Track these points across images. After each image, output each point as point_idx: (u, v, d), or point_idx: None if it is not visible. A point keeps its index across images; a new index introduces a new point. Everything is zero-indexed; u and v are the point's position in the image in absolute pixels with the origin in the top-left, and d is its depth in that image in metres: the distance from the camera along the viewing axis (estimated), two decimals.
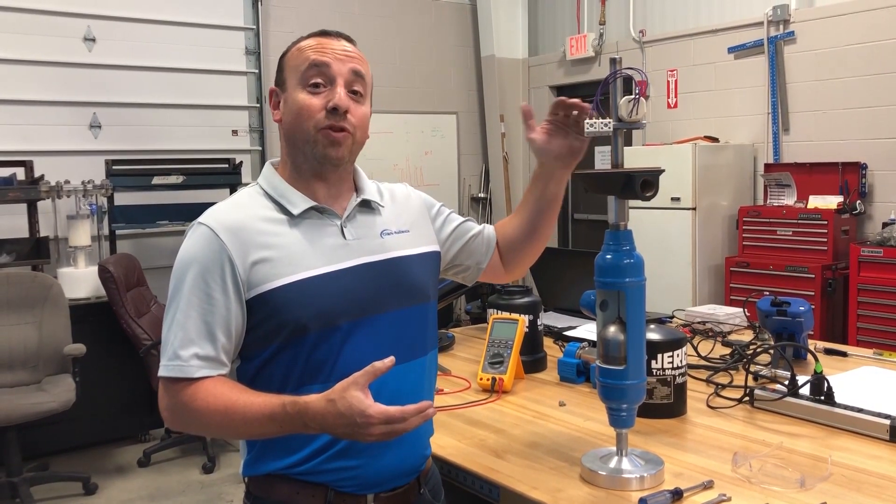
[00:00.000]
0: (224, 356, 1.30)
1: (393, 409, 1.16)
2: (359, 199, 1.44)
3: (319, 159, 1.37)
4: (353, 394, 1.16)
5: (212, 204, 1.40)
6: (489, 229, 1.66)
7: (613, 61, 1.42)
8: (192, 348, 1.27)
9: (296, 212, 1.36)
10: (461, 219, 1.63)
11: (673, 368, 1.80)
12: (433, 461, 1.54)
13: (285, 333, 1.30)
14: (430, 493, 1.47)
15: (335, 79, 1.36)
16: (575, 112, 1.49)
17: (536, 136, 1.54)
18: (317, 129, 1.35)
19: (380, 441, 1.20)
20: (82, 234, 4.56)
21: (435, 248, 1.54)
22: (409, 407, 1.17)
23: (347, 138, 1.37)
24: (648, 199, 1.38)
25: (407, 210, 1.53)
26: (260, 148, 5.72)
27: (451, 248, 1.59)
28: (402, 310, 1.40)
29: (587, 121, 1.42)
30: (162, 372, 1.29)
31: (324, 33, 1.41)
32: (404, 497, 1.41)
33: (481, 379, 2.05)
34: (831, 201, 4.47)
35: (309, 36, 1.42)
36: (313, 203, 1.38)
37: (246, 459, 1.40)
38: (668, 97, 5.56)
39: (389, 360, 1.19)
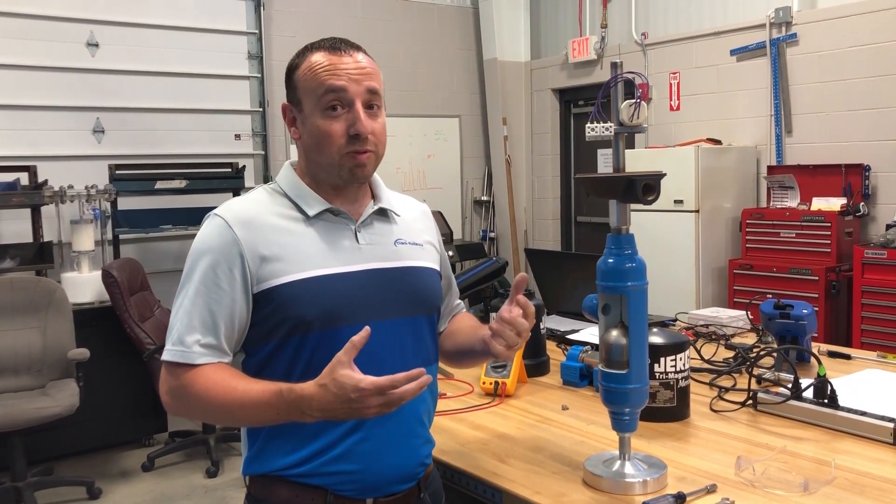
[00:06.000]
0: (226, 345, 1.33)
1: (383, 379, 1.18)
2: (376, 207, 1.46)
3: (346, 179, 1.39)
4: (342, 373, 1.18)
5: (214, 208, 1.40)
6: (449, 310, 1.64)
7: (614, 65, 1.43)
8: (196, 335, 1.31)
9: (311, 213, 1.39)
10: (450, 275, 1.63)
11: (676, 372, 1.79)
12: (435, 466, 1.54)
13: (287, 328, 1.32)
14: (430, 497, 1.47)
15: (353, 101, 1.37)
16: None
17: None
18: (341, 154, 1.37)
19: (382, 413, 1.20)
20: (86, 239, 4.56)
21: (439, 270, 1.54)
22: (398, 375, 1.18)
23: (371, 157, 1.40)
24: (650, 203, 1.39)
25: (425, 229, 1.54)
26: (263, 152, 5.73)
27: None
28: (407, 318, 1.41)
29: (588, 125, 1.42)
30: (165, 356, 1.32)
31: (333, 48, 1.39)
32: (404, 501, 1.41)
33: (484, 383, 2.05)
34: (834, 203, 4.46)
35: (318, 48, 1.40)
36: (329, 206, 1.40)
37: (247, 456, 1.41)
38: (671, 99, 5.56)
39: (365, 332, 1.20)
